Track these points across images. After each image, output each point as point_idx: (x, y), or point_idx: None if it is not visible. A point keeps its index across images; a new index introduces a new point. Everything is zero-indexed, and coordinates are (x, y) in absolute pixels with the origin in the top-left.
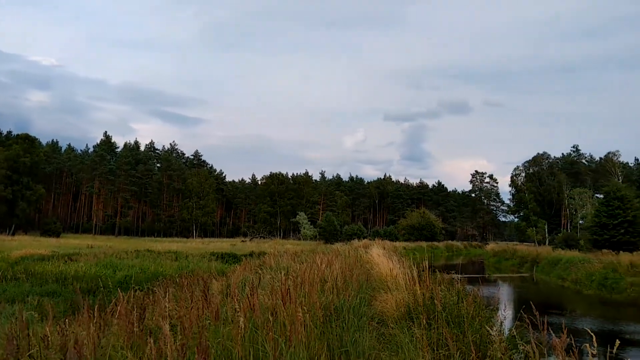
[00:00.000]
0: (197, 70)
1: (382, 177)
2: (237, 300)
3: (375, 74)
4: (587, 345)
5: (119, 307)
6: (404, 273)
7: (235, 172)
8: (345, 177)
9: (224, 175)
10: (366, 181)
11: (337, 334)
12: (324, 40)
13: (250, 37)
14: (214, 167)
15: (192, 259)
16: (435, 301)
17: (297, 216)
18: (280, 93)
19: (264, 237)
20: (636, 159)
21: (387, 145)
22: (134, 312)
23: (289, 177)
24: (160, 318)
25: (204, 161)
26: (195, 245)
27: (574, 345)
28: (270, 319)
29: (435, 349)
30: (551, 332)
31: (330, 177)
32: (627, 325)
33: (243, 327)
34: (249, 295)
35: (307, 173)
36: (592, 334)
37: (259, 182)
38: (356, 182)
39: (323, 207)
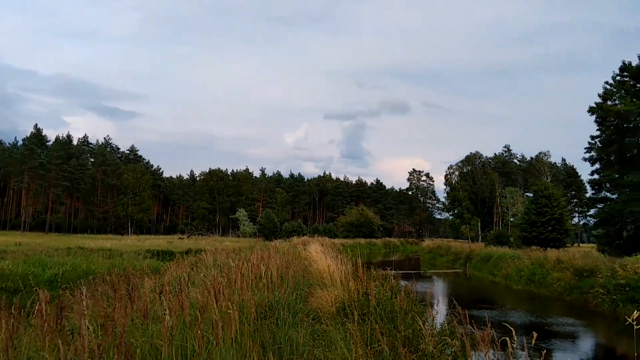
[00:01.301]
0: (134, 63)
1: (322, 174)
2: (167, 298)
3: (318, 72)
4: (508, 338)
5: (36, 306)
6: (341, 269)
7: (173, 168)
8: (285, 174)
9: (161, 171)
10: (306, 178)
11: (271, 330)
12: (265, 37)
13: (188, 31)
14: (151, 162)
15: (127, 256)
16: (370, 297)
17: (237, 213)
18: (220, 88)
19: (202, 234)
20: (563, 160)
21: (328, 143)
22: (52, 311)
23: (229, 173)
24: (81, 317)
25: (140, 156)
26: (131, 242)
27: (496, 338)
28: (201, 316)
29: (368, 344)
30: (483, 325)
31: (271, 174)
32: (551, 318)
33: (171, 325)
34: (179, 293)
35: (247, 170)
36: (512, 328)
37: (198, 179)
38: (296, 180)
39: (263, 204)
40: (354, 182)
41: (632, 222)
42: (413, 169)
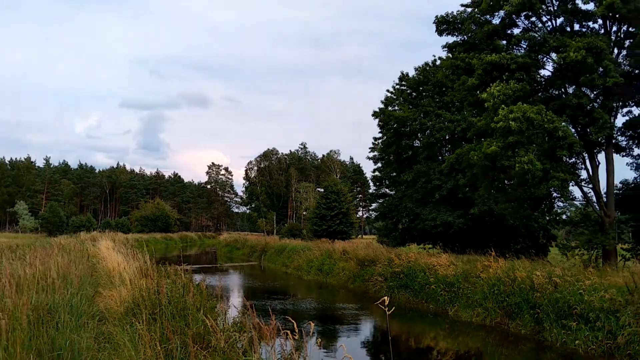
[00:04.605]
0: None
1: (116, 165)
2: None
3: (113, 57)
4: (289, 332)
5: None
6: (132, 267)
7: None
8: (74, 164)
9: None
10: (98, 170)
11: (50, 336)
12: (50, 14)
13: None
14: None
15: None
16: (160, 295)
17: (15, 206)
18: None
19: None
20: (351, 158)
21: (124, 133)
22: None
23: (6, 162)
24: None
25: None
26: None
27: (280, 328)
28: None
29: (158, 343)
30: (275, 316)
31: (57, 164)
32: (337, 305)
33: None
34: None
35: (28, 158)
36: (302, 316)
37: None
38: (86, 170)
39: (47, 196)
40: (150, 174)
41: (406, 216)
42: (212, 163)
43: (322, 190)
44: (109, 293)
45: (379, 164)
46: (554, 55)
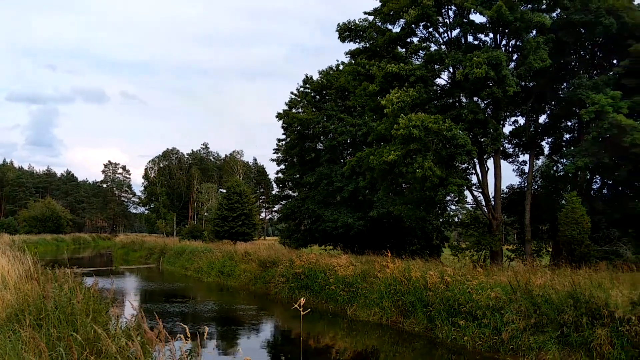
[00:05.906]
0: None
1: (2, 162)
2: None
3: None
4: (182, 336)
5: None
6: (17, 270)
7: None
8: None
9: None
10: None
11: None
12: None
13: None
14: None
15: None
16: (46, 299)
17: None
18: None
19: None
20: (255, 159)
21: (11, 128)
22: None
23: None
24: None
25: None
26: None
27: (167, 333)
28: None
29: (43, 351)
30: (172, 319)
31: None
32: (236, 307)
33: None
34: None
35: None
36: (185, 326)
37: None
38: None
39: None
40: (40, 172)
41: (309, 217)
42: (109, 161)
43: (224, 191)
44: None
45: (283, 166)
46: (451, 68)
